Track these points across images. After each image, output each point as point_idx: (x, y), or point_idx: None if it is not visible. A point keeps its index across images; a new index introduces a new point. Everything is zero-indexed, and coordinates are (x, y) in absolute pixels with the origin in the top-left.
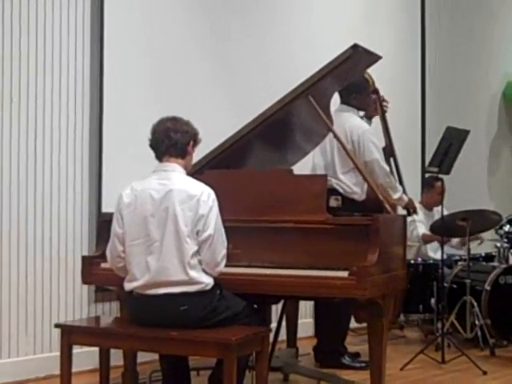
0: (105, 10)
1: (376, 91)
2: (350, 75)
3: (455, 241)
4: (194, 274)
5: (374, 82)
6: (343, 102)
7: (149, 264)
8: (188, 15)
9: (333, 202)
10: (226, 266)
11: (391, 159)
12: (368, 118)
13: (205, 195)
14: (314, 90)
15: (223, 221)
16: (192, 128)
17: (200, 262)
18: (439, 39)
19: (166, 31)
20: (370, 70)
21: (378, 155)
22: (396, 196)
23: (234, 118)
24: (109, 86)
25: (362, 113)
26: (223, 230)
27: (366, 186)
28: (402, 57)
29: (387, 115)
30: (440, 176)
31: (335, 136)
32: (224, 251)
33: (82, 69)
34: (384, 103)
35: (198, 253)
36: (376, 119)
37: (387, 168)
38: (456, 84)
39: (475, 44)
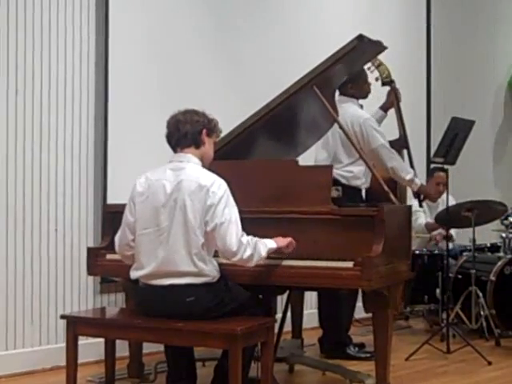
0: (110, 1)
1: (392, 82)
2: (355, 66)
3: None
4: (201, 265)
5: (389, 74)
6: (341, 93)
7: (157, 253)
8: (193, 7)
9: (333, 193)
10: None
11: (404, 151)
12: (384, 110)
13: (215, 186)
14: (319, 81)
15: None
16: (204, 117)
17: (213, 254)
18: (445, 29)
19: (171, 23)
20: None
21: (382, 140)
22: (408, 177)
23: (240, 110)
24: (114, 78)
25: (361, 101)
26: (238, 219)
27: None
28: (407, 47)
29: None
30: (445, 167)
31: (340, 127)
32: (237, 239)
33: (87, 60)
34: (399, 95)
35: (207, 245)
36: (391, 112)
37: (394, 151)
38: (461, 74)
39: (481, 34)
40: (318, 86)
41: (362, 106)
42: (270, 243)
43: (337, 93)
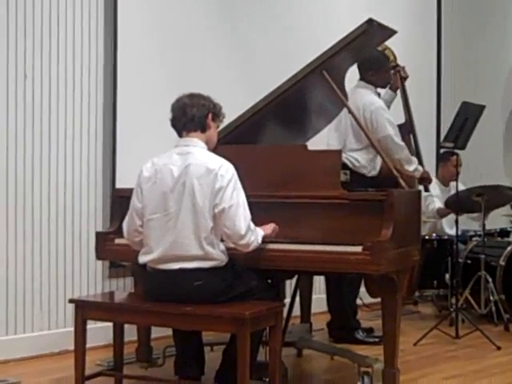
0: None
1: (397, 66)
2: (364, 50)
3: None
4: (209, 249)
5: (395, 58)
6: (361, 78)
7: (165, 238)
8: None
9: (341, 177)
10: None
11: (410, 135)
12: (393, 90)
13: (223, 169)
14: (328, 65)
15: None
16: (210, 101)
17: (221, 238)
18: (455, 13)
19: (179, 12)
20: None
21: (391, 131)
22: (411, 168)
23: (248, 96)
24: (123, 64)
25: (380, 89)
26: (246, 203)
27: (379, 162)
28: (417, 31)
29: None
30: (456, 151)
31: (350, 111)
32: (246, 223)
33: (95, 46)
34: (404, 75)
35: (215, 229)
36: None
37: (401, 142)
38: (472, 59)
39: (491, 18)
40: (327, 70)
41: (379, 95)
42: (262, 231)
43: (357, 77)
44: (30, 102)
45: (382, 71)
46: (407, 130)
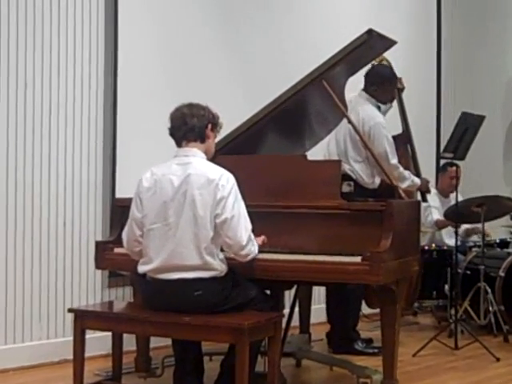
0: None
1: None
2: (364, 60)
3: (461, 230)
4: (209, 259)
5: (392, 68)
6: (365, 89)
7: (165, 248)
8: (203, 1)
9: (345, 188)
10: None
11: (408, 146)
12: (389, 100)
13: (224, 179)
14: (328, 75)
15: None
16: (209, 112)
17: (221, 248)
18: (455, 24)
19: (180, 14)
20: (385, 55)
21: (387, 148)
22: (404, 185)
23: (249, 105)
24: (123, 71)
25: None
26: (246, 213)
27: (377, 175)
28: (417, 42)
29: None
30: (456, 162)
31: (349, 121)
32: (247, 234)
33: (96, 54)
34: (400, 86)
35: (216, 238)
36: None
37: (395, 161)
38: (472, 69)
39: (491, 28)
40: (327, 80)
41: (379, 108)
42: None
43: (356, 86)
44: (31, 111)
45: (387, 88)
46: (404, 140)
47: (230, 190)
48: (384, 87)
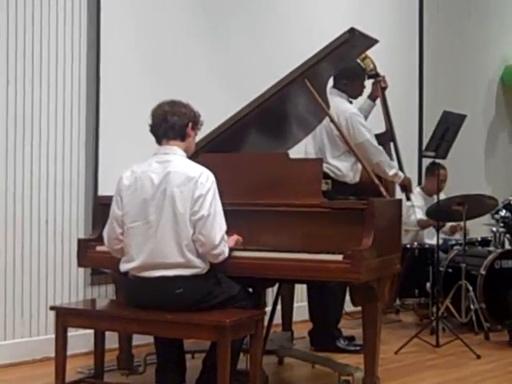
0: None
1: (377, 75)
2: (346, 59)
3: (446, 227)
4: (191, 256)
5: (375, 67)
6: (334, 86)
7: (146, 246)
8: (185, 1)
9: (323, 186)
10: None
11: (391, 144)
12: (372, 99)
13: (203, 177)
14: (310, 74)
15: None
16: (190, 110)
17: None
18: (437, 23)
19: (162, 13)
20: (368, 54)
21: (368, 135)
22: (391, 172)
23: (231, 102)
24: (106, 71)
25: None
26: (222, 212)
27: (359, 168)
28: (399, 41)
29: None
30: (438, 161)
31: (331, 120)
32: (221, 234)
33: (78, 53)
34: (384, 84)
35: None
36: (378, 103)
37: (379, 146)
38: (454, 68)
39: (473, 28)
40: (309, 79)
41: (351, 102)
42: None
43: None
44: (13, 108)
45: (356, 83)
46: (388, 139)
47: (209, 188)
48: (353, 81)
